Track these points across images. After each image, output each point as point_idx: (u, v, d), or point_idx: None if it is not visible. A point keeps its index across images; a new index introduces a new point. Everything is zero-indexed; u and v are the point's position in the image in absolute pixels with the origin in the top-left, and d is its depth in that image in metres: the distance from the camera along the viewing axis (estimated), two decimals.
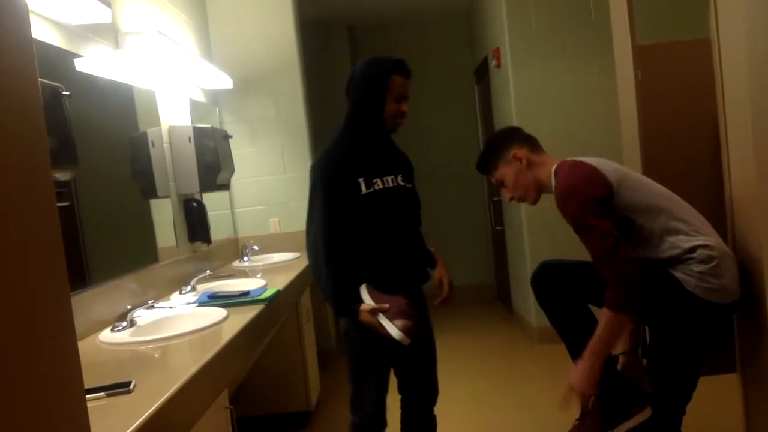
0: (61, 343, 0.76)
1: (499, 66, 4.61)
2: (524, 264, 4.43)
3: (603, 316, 1.77)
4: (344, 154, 2.04)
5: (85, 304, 2.08)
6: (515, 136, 2.07)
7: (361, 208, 2.00)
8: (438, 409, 2.28)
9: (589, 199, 1.80)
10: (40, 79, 1.75)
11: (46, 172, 0.77)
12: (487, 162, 2.08)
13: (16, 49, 0.71)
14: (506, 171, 2.02)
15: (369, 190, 2.00)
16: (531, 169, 1.99)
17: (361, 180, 2.00)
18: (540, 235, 4.30)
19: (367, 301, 1.90)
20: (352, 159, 2.03)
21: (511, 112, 4.33)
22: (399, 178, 2.09)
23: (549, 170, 1.96)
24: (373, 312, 1.88)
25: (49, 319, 0.74)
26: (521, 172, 2.00)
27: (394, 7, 5.61)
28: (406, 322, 1.82)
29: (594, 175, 1.85)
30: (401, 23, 6.02)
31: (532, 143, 2.05)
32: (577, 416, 2.02)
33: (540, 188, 2.02)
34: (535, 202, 2.06)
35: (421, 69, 2.16)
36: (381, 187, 2.02)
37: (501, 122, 4.75)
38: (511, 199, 2.08)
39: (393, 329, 1.82)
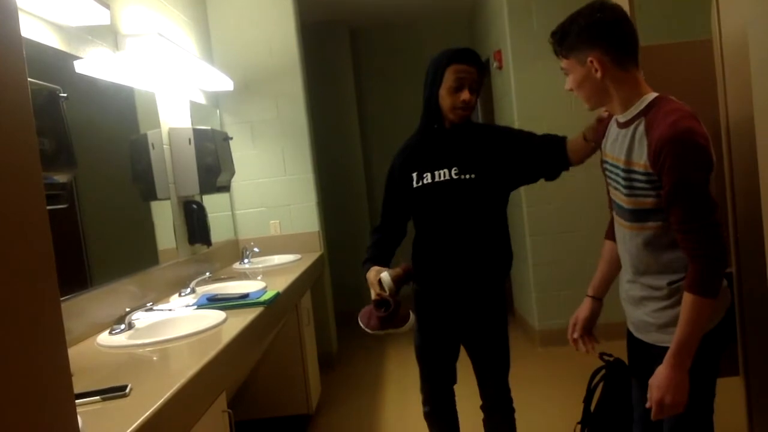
0: (50, 349, 0.75)
1: (500, 68, 4.60)
2: (526, 266, 4.41)
3: (688, 305, 1.48)
4: (409, 149, 2.17)
5: (86, 307, 2.07)
6: (610, 31, 1.55)
7: (413, 201, 2.13)
8: None
9: (711, 165, 1.49)
10: (37, 81, 1.76)
11: (36, 173, 0.76)
12: (562, 42, 1.65)
13: (4, 47, 0.70)
14: (574, 67, 1.62)
15: (418, 185, 2.10)
16: (604, 81, 1.56)
17: (414, 174, 2.11)
18: (542, 236, 4.30)
19: (384, 277, 1.94)
20: (412, 154, 2.15)
21: (513, 114, 4.32)
22: (453, 171, 2.06)
23: (640, 93, 1.57)
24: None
25: (37, 324, 0.73)
26: (589, 80, 1.58)
27: (396, 10, 5.60)
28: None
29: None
30: (403, 25, 6.01)
31: (623, 52, 1.56)
32: (578, 420, 2.00)
33: (605, 102, 1.64)
34: (592, 109, 1.72)
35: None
36: (429, 181, 2.08)
37: (503, 124, 4.74)
38: (570, 90, 1.70)
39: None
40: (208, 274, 2.99)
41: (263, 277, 3.21)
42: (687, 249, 1.49)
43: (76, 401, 1.14)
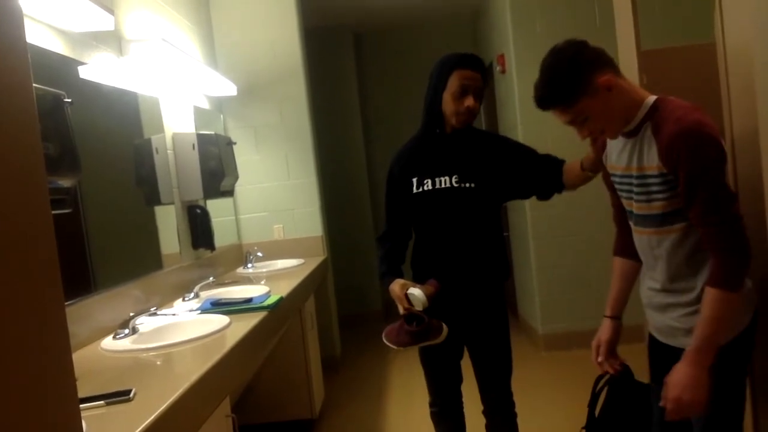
0: (54, 353, 0.75)
1: (503, 72, 4.61)
2: (530, 270, 4.40)
3: (710, 300, 1.44)
4: (408, 153, 2.15)
5: (90, 311, 2.08)
6: (592, 57, 1.52)
7: (413, 206, 2.12)
8: None
9: (724, 155, 1.46)
10: (42, 86, 1.77)
11: (41, 178, 0.76)
12: (563, 97, 1.53)
13: (9, 52, 0.70)
14: (590, 104, 1.51)
15: (418, 190, 2.09)
16: (618, 95, 1.52)
17: (414, 180, 2.10)
18: (545, 240, 4.29)
19: (417, 294, 1.94)
20: (412, 158, 2.13)
21: (516, 118, 4.32)
22: (453, 179, 2.06)
23: (640, 98, 1.56)
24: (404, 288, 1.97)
25: (42, 328, 0.73)
26: (609, 103, 1.51)
27: (399, 14, 5.61)
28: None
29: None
30: (406, 29, 6.02)
31: (610, 61, 1.55)
32: (583, 425, 1.99)
33: (627, 119, 1.56)
34: (616, 135, 1.62)
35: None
36: (430, 188, 2.07)
37: (506, 128, 4.74)
38: (589, 135, 1.62)
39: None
40: (211, 278, 2.99)
41: (267, 281, 3.21)
42: (709, 243, 1.47)
43: (81, 405, 1.15)
